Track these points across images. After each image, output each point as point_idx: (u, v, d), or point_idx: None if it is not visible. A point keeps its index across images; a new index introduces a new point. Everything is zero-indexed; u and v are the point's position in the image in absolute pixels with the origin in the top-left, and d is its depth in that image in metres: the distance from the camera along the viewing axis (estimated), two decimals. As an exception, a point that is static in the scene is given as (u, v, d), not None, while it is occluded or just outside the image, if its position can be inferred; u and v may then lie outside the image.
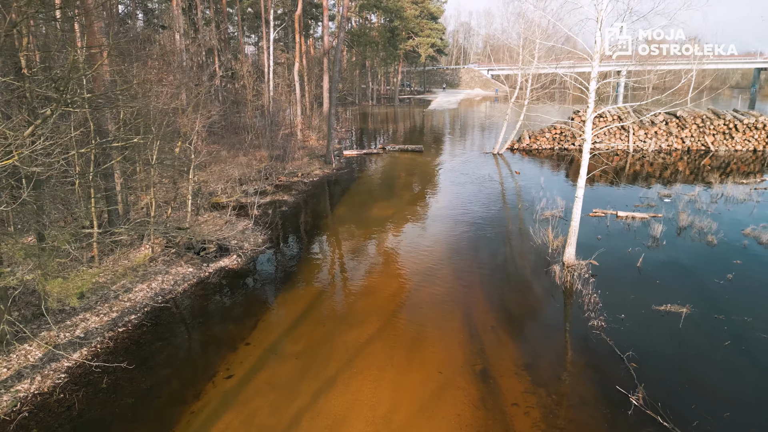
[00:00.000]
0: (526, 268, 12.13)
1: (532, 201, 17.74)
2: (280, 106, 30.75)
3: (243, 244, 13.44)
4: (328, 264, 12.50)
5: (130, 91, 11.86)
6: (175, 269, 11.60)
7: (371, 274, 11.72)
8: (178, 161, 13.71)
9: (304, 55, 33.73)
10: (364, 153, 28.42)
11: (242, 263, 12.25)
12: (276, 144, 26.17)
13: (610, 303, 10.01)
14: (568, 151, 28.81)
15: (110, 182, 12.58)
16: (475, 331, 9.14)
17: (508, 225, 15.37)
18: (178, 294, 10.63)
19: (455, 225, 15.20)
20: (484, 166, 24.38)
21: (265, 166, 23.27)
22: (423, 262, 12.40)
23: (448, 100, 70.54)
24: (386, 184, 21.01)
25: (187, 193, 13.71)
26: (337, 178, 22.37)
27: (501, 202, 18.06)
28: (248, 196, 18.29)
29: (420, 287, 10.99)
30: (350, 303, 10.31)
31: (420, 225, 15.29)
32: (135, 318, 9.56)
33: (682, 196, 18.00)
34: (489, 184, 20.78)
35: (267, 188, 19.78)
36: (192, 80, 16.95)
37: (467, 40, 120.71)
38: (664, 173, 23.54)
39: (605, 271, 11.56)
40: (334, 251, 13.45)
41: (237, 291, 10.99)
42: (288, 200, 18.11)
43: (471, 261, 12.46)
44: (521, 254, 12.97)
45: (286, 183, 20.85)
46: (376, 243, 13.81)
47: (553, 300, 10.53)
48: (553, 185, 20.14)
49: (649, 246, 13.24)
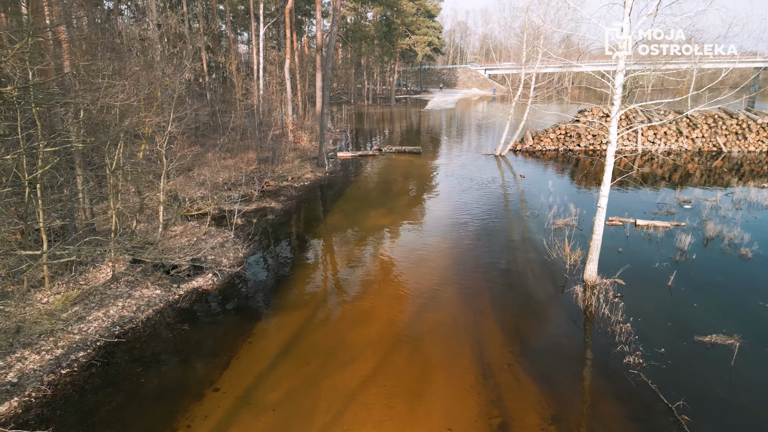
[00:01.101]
0: (543, 289, 10.66)
1: (541, 208, 16.30)
2: (270, 105, 29.19)
3: (221, 259, 11.90)
4: (316, 283, 10.99)
5: (86, 85, 10.35)
6: (140, 292, 10.05)
7: (366, 296, 10.22)
8: (147, 166, 12.15)
9: (296, 52, 32.18)
10: (359, 155, 26.93)
11: (218, 283, 10.71)
12: (265, 145, 24.64)
13: (645, 333, 8.56)
14: (574, 152, 27.45)
15: (73, 190, 11.04)
16: (489, 371, 7.66)
17: (517, 236, 13.91)
18: (140, 323, 9.08)
19: (459, 236, 13.73)
20: (486, 169, 22.94)
21: (253, 170, 21.74)
22: (425, 280, 10.92)
23: (446, 99, 69.17)
24: (383, 189, 19.53)
25: (158, 203, 12.15)
26: (330, 182, 20.86)
27: (508, 209, 16.61)
28: (232, 203, 16.76)
29: (422, 312, 9.50)
30: (341, 333, 8.81)
31: (421, 236, 13.81)
32: (84, 355, 8.01)
33: (703, 202, 16.63)
34: (493, 189, 19.34)
35: (253, 194, 18.25)
36: (163, 72, 15.37)
37: (464, 40, 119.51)
38: (673, 175, 22.22)
39: (633, 292, 10.12)
40: (325, 268, 11.94)
41: (210, 318, 9.46)
42: (275, 207, 16.57)
43: (479, 279, 10.99)
44: (535, 271, 11.51)
45: (275, 188, 19.31)
46: (372, 258, 12.32)
47: (576, 328, 9.08)
48: (562, 190, 18.72)
49: (677, 260, 11.82)
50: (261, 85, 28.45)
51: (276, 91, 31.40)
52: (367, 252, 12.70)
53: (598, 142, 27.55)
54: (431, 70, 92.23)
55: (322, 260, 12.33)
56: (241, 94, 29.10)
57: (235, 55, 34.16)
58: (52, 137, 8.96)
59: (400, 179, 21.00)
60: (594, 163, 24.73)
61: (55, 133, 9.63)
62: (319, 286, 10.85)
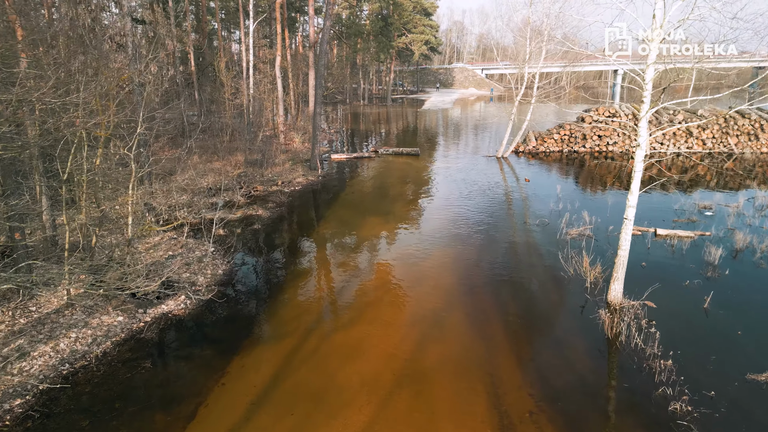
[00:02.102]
0: (562, 311, 9.39)
1: (551, 216, 15.04)
2: (261, 105, 27.82)
3: (196, 278, 10.54)
4: (304, 305, 9.66)
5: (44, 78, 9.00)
6: (99, 319, 8.69)
7: (361, 322, 8.91)
8: (109, 174, 10.78)
9: (288, 50, 30.83)
10: (354, 157, 25.60)
11: (192, 307, 9.36)
12: (255, 147, 23.26)
13: (688, 370, 7.29)
14: (579, 153, 26.26)
15: (25, 200, 9.65)
16: (509, 422, 6.37)
17: (528, 248, 12.64)
18: (94, 359, 7.72)
19: (464, 249, 12.43)
20: (488, 173, 21.68)
21: (241, 173, 20.38)
22: (428, 301, 9.62)
23: (442, 99, 68.00)
24: (379, 194, 18.22)
25: (126, 214, 10.78)
26: (323, 186, 19.53)
27: (515, 217, 15.34)
28: (215, 211, 15.40)
29: (425, 343, 8.20)
30: (332, 370, 7.49)
31: (421, 249, 12.51)
32: (20, 404, 6.65)
33: (725, 208, 15.43)
34: (497, 194, 18.07)
35: (239, 200, 16.89)
36: (129, 67, 14.00)
37: (460, 39, 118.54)
38: (683, 177, 21.08)
39: (666, 317, 8.86)
40: (314, 287, 10.61)
41: (178, 352, 8.12)
42: (262, 215, 15.21)
43: (489, 301, 9.69)
44: (552, 290, 10.23)
45: (263, 193, 17.95)
46: (368, 275, 11.00)
47: (605, 362, 7.81)
48: (571, 195, 17.47)
49: (708, 277, 10.59)
50: (251, 84, 27.08)
51: (267, 90, 30.03)
52: (362, 268, 11.38)
53: (603, 143, 26.37)
54: (428, 69, 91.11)
55: (312, 278, 10.99)
56: (230, 94, 27.69)
57: (224, 52, 32.74)
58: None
59: (397, 183, 19.69)
60: (599, 165, 23.56)
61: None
62: (308, 309, 9.51)
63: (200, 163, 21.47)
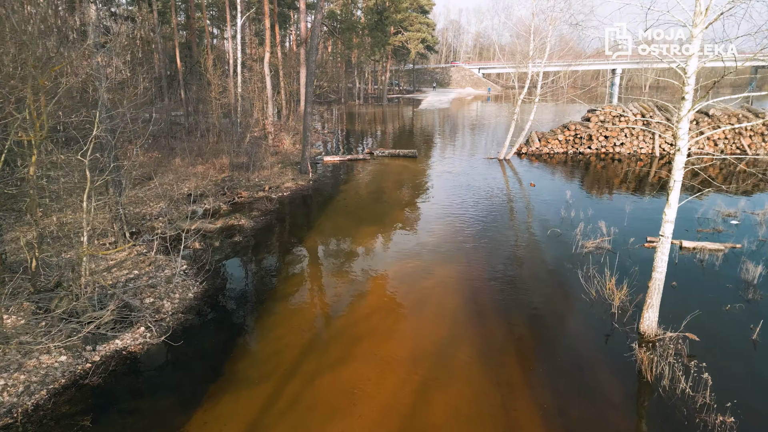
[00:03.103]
0: (588, 347, 8.01)
1: (562, 225, 13.70)
2: (250, 104, 26.35)
3: (162, 303, 9.10)
4: (286, 339, 8.24)
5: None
6: (37, 359, 7.23)
7: (352, 359, 7.50)
8: (70, 181, 9.33)
9: (279, 46, 29.36)
10: (348, 159, 24.18)
11: (151, 341, 7.91)
12: (242, 149, 21.80)
13: (753, 428, 5.94)
14: (584, 155, 24.98)
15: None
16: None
17: (542, 264, 11.27)
18: (21, 416, 6.27)
19: (470, 265, 11.05)
20: (491, 177, 20.33)
21: (225, 177, 18.92)
22: (430, 332, 8.23)
23: (439, 99, 66.74)
24: (374, 201, 16.81)
25: (79, 227, 9.32)
26: (314, 192, 18.10)
27: (523, 227, 13.97)
28: (195, 220, 13.95)
29: (429, 389, 6.81)
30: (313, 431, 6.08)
31: (422, 267, 11.12)
32: None
33: (750, 216, 14.15)
34: (503, 201, 16.72)
35: (222, 207, 15.44)
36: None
37: (457, 39, 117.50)
38: (694, 180, 19.83)
39: (712, 353, 7.51)
40: (298, 314, 9.18)
41: (128, 405, 6.67)
42: (245, 226, 13.77)
43: (502, 332, 8.31)
44: (573, 318, 8.86)
45: (248, 200, 16.49)
46: (360, 298, 9.59)
47: (649, 417, 6.44)
48: (583, 201, 16.14)
49: (749, 299, 9.26)
50: (239, 82, 25.61)
51: (257, 89, 28.55)
52: (355, 289, 9.97)
53: (610, 144, 25.09)
54: (424, 69, 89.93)
55: (296, 302, 9.56)
56: (217, 93, 26.19)
57: (213, 50, 31.22)
58: None
59: (393, 188, 18.28)
60: (607, 167, 22.28)
61: None
62: (290, 342, 8.09)
63: (182, 167, 20.00)
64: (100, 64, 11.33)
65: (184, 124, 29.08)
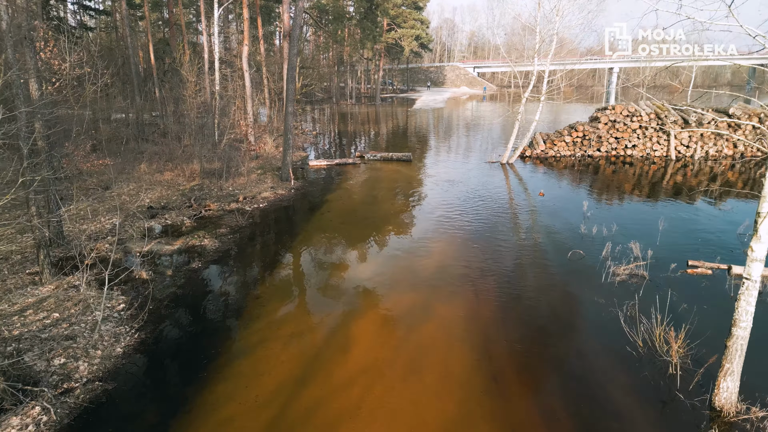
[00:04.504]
0: (646, 428, 5.89)
1: (584, 244, 11.62)
2: (228, 103, 24.08)
3: (76, 364, 6.87)
4: (235, 424, 6.05)
5: None
6: None
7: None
8: None
9: (261, 40, 27.10)
10: (336, 164, 22.00)
11: (46, 429, 5.68)
12: (217, 154, 19.56)
13: None
14: (593, 158, 22.99)
15: None
16: None
17: (568, 301, 9.16)
18: None
19: (478, 303, 8.91)
20: (494, 184, 18.26)
21: (195, 186, 16.67)
22: (434, 410, 6.08)
23: (434, 98, 64.75)
24: (363, 214, 14.66)
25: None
26: (294, 203, 15.90)
27: (539, 249, 11.86)
28: (149, 239, 11.73)
29: None
30: None
31: (419, 305, 8.98)
32: None
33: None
34: (510, 214, 14.64)
35: (186, 223, 13.21)
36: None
37: (451, 37, 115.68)
38: (711, 184, 17.99)
39: (825, 443, 5.43)
40: (258, 381, 6.97)
41: None
42: (207, 247, 11.55)
43: (530, 408, 6.17)
44: (621, 382, 6.73)
45: (217, 213, 14.26)
46: (340, 354, 7.41)
47: None
48: (602, 214, 14.09)
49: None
50: (217, 79, 23.36)
51: (239, 87, 26.28)
52: (334, 340, 7.79)
53: (621, 146, 23.12)
54: (418, 68, 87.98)
55: (257, 360, 7.35)
56: (193, 91, 23.88)
57: (191, 45, 28.89)
58: None
59: (385, 199, 16.13)
60: (618, 171, 20.31)
61: None
62: (246, 425, 5.90)
63: (148, 174, 17.71)
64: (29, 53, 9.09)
65: (160, 125, 26.78)
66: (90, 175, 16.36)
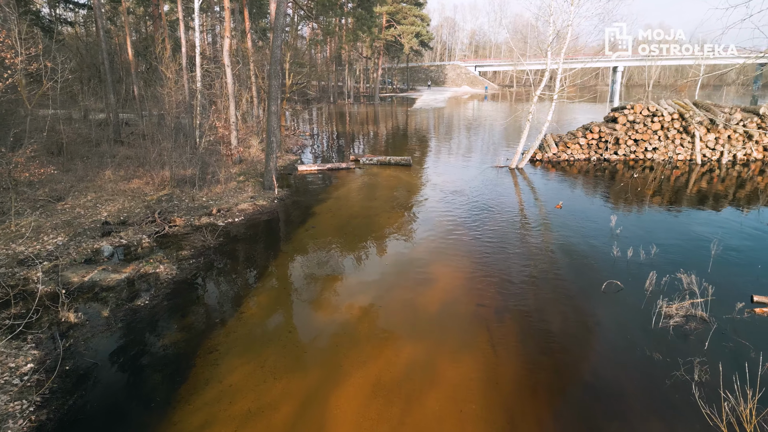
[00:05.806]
0: None
1: (618, 271, 9.59)
2: (209, 102, 22.03)
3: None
4: None
5: None
6: None
7: None
8: None
9: (248, 34, 25.05)
10: (327, 169, 19.98)
11: None
12: (194, 159, 17.49)
13: None
14: (609, 162, 20.98)
15: None
16: None
17: (611, 355, 7.11)
18: None
19: (498, 360, 6.87)
20: (504, 193, 16.23)
21: (163, 196, 14.62)
22: None
23: (435, 98, 62.74)
24: (355, 230, 12.63)
25: None
26: (276, 216, 13.86)
27: (565, 278, 9.81)
28: (95, 264, 9.71)
29: None
30: None
31: (421, 362, 6.95)
32: None
33: None
34: (525, 234, 12.61)
35: (144, 242, 11.17)
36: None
37: (452, 36, 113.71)
38: (738, 192, 16.03)
39: None
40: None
41: None
42: (162, 275, 9.50)
43: None
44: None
45: (183, 229, 12.21)
46: (321, 428, 5.39)
47: None
48: (636, 232, 12.04)
49: None
50: (198, 76, 21.30)
51: (223, 84, 24.22)
52: (308, 416, 5.75)
53: (641, 149, 21.09)
54: (418, 67, 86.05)
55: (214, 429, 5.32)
56: (172, 88, 21.81)
57: (168, 38, 26.75)
58: None
59: (381, 213, 14.08)
60: (638, 177, 18.27)
61: None
62: None
63: (112, 182, 15.65)
64: None
65: (140, 126, 24.75)
66: (43, 185, 14.31)
